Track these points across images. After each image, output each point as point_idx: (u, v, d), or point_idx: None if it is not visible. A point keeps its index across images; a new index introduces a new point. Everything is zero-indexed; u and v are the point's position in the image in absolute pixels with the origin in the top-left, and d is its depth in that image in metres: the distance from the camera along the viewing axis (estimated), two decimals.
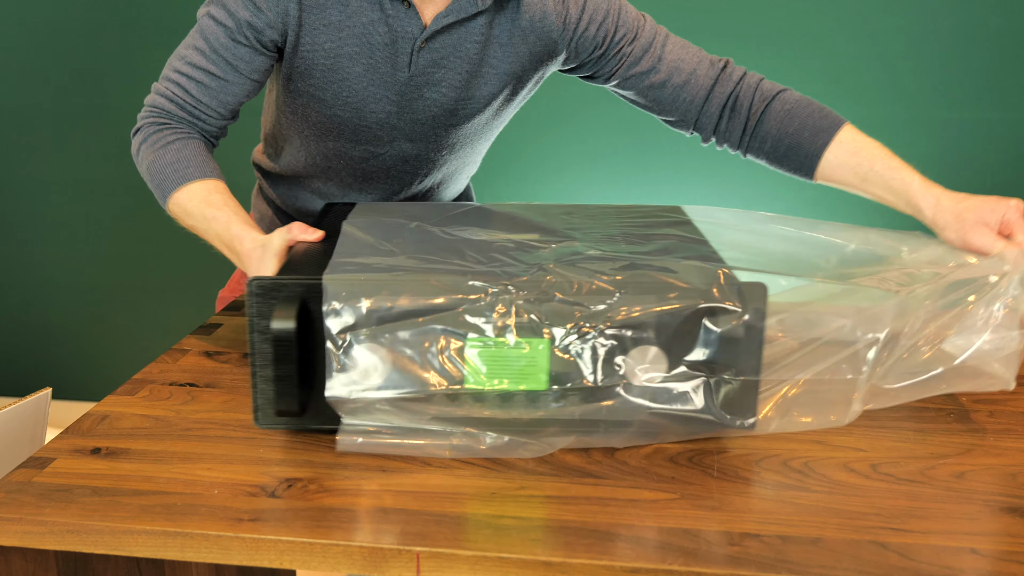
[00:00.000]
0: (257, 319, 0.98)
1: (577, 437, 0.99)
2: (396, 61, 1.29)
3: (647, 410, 0.98)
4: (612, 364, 0.96)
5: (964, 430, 1.07)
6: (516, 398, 0.97)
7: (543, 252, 1.07)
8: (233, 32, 1.25)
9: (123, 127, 2.60)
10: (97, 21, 2.54)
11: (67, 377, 2.86)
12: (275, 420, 1.01)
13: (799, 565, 0.81)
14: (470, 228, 1.17)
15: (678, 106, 1.36)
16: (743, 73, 1.36)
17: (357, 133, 1.35)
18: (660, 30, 1.35)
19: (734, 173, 2.43)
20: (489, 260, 1.04)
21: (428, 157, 1.41)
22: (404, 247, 1.08)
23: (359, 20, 1.26)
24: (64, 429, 1.06)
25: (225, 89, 1.27)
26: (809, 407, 1.04)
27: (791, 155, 1.32)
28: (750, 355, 0.98)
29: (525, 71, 1.35)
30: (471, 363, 0.97)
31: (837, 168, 1.28)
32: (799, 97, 1.33)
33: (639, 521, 0.88)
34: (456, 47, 1.30)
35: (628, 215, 1.26)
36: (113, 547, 0.88)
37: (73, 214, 2.71)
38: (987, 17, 2.24)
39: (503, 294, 0.96)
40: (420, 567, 0.84)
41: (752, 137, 1.35)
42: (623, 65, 1.35)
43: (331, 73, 1.29)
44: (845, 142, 1.28)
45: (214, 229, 1.18)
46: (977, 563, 0.82)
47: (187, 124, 1.28)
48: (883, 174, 1.24)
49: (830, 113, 1.31)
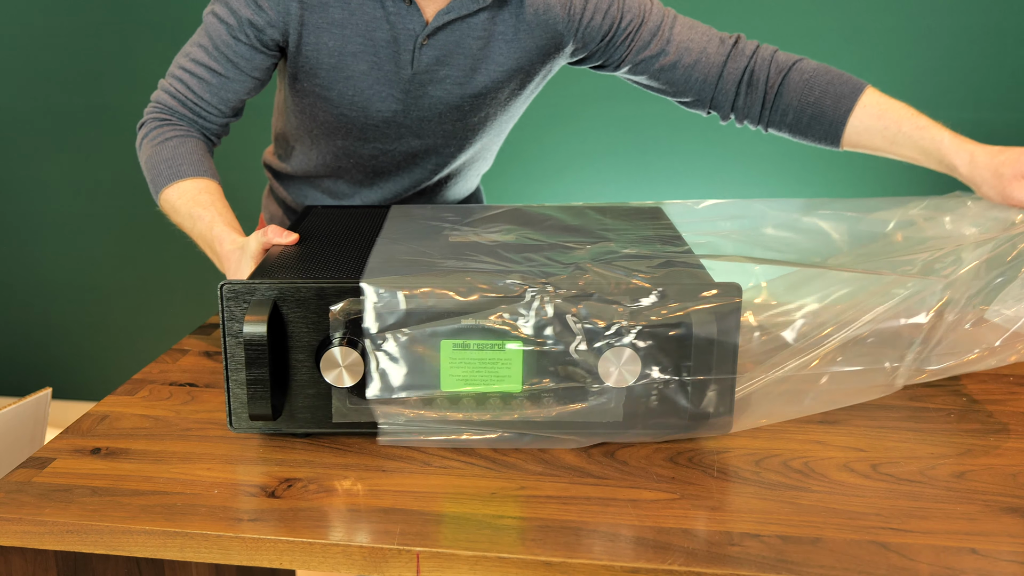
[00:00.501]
0: (229, 323, 0.97)
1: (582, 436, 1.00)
2: (399, 59, 1.29)
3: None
4: (648, 362, 0.97)
5: (964, 430, 1.06)
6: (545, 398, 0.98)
7: (578, 253, 1.07)
8: (234, 29, 1.26)
9: (123, 127, 2.60)
10: (97, 21, 2.54)
11: (67, 377, 2.86)
12: (249, 424, 1.01)
13: (799, 565, 0.81)
14: (502, 230, 1.17)
15: (691, 86, 1.35)
16: (756, 46, 1.34)
17: (365, 131, 1.36)
18: (668, 12, 1.35)
19: (734, 173, 2.43)
20: (525, 260, 1.04)
21: (438, 153, 1.41)
22: (439, 249, 1.08)
23: (361, 18, 1.27)
24: (64, 429, 1.06)
25: (226, 86, 1.28)
26: (784, 399, 1.05)
27: (815, 124, 1.30)
28: (726, 354, 0.97)
29: (532, 65, 1.35)
30: (445, 366, 0.97)
31: (863, 133, 1.27)
32: (817, 65, 1.31)
33: (639, 521, 0.88)
34: (458, 43, 1.30)
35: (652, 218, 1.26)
36: (113, 547, 0.88)
37: (73, 214, 2.71)
38: (987, 17, 2.24)
39: (541, 292, 0.96)
40: (420, 567, 0.84)
41: (772, 111, 1.33)
42: (632, 51, 1.34)
43: (336, 72, 1.29)
44: (869, 106, 1.26)
45: (198, 228, 1.19)
46: (977, 563, 0.82)
47: (188, 121, 1.30)
48: (911, 134, 1.23)
49: (850, 78, 1.29)
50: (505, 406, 0.99)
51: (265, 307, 0.96)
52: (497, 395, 0.98)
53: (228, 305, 0.97)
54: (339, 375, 0.96)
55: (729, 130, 2.38)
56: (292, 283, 0.97)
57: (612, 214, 1.27)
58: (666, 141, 2.44)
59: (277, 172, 1.54)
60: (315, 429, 1.01)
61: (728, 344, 0.96)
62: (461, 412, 0.99)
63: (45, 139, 2.66)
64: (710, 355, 0.96)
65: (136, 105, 2.64)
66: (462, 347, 0.97)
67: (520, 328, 0.96)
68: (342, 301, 0.96)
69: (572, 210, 1.28)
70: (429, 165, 1.43)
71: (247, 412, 0.99)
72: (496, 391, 0.98)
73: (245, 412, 1.00)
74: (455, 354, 0.97)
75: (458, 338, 0.96)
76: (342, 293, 0.96)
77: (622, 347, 0.95)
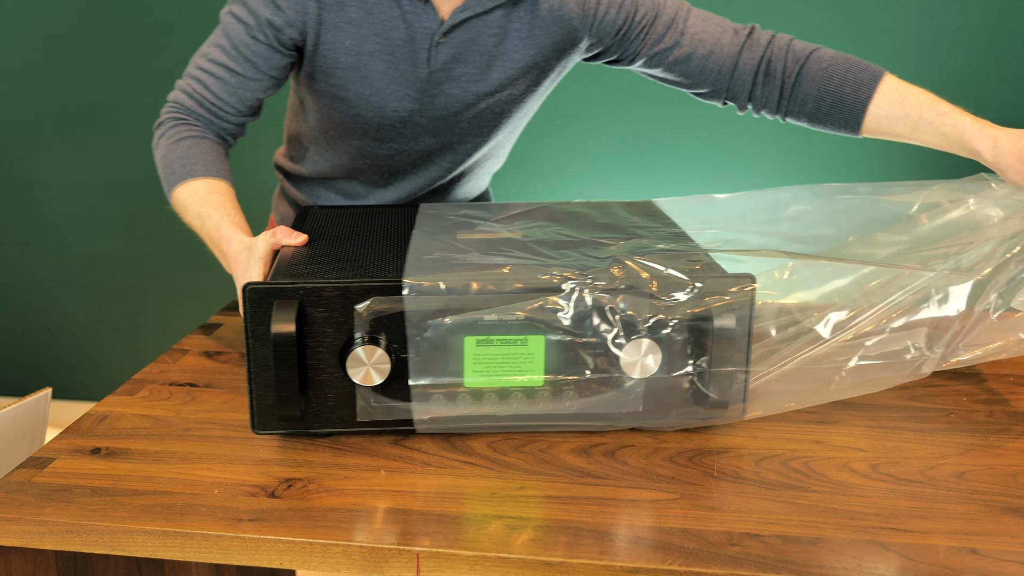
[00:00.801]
0: (253, 324, 0.97)
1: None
2: (415, 57, 1.30)
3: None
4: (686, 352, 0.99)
5: (964, 430, 1.06)
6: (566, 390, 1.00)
7: (612, 248, 1.08)
8: (253, 29, 1.27)
9: (123, 127, 2.60)
10: (99, 22, 2.53)
11: (67, 377, 2.86)
12: (273, 425, 1.01)
13: (799, 565, 0.81)
14: (534, 226, 1.17)
15: (706, 77, 1.35)
16: (771, 36, 1.34)
17: (381, 131, 1.36)
18: (682, 5, 1.35)
19: (735, 173, 2.43)
20: (561, 256, 1.05)
21: (453, 151, 1.42)
22: (474, 245, 1.09)
23: (378, 17, 1.28)
24: (64, 429, 1.06)
25: (244, 85, 1.29)
26: (794, 390, 1.06)
27: (835, 113, 1.31)
28: (740, 344, 0.99)
29: (547, 61, 1.35)
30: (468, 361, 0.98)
31: (884, 120, 1.27)
32: (834, 54, 1.32)
33: (639, 521, 0.88)
34: (474, 41, 1.30)
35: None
36: (113, 547, 0.88)
37: (73, 214, 2.71)
38: (987, 17, 2.24)
39: (581, 284, 0.97)
40: (420, 567, 0.84)
41: (791, 100, 1.34)
42: (646, 44, 1.34)
43: (352, 71, 1.30)
44: (889, 92, 1.27)
45: (207, 228, 1.19)
46: (977, 563, 0.82)
47: (205, 121, 1.30)
48: (932, 120, 1.23)
49: (868, 65, 1.29)
50: (528, 399, 1.00)
51: (292, 308, 0.96)
52: (520, 389, 1.00)
53: (252, 307, 0.97)
54: (365, 374, 0.97)
55: (729, 130, 2.38)
56: (317, 283, 0.97)
57: (638, 211, 1.28)
58: (666, 141, 2.44)
59: (289, 173, 1.55)
60: (339, 429, 1.02)
61: (743, 333, 0.99)
62: (485, 406, 1.01)
63: (45, 139, 2.66)
64: (729, 344, 0.98)
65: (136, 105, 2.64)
66: (485, 343, 0.98)
67: (559, 320, 0.97)
68: (366, 300, 0.97)
69: (600, 207, 1.29)
70: (444, 163, 1.43)
71: (271, 413, 1.00)
72: (519, 385, 1.00)
73: (269, 414, 1.00)
74: (478, 350, 0.98)
75: (492, 333, 0.98)
76: (366, 292, 0.97)
77: (641, 338, 0.97)
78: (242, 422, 1.07)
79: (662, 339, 0.98)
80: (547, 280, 0.98)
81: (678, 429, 1.05)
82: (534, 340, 0.99)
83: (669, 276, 0.99)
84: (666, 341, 0.99)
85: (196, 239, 1.25)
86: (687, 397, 1.01)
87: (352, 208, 1.34)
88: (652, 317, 0.98)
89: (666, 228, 1.18)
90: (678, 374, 1.00)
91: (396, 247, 1.10)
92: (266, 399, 0.99)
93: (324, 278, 0.98)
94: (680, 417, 1.02)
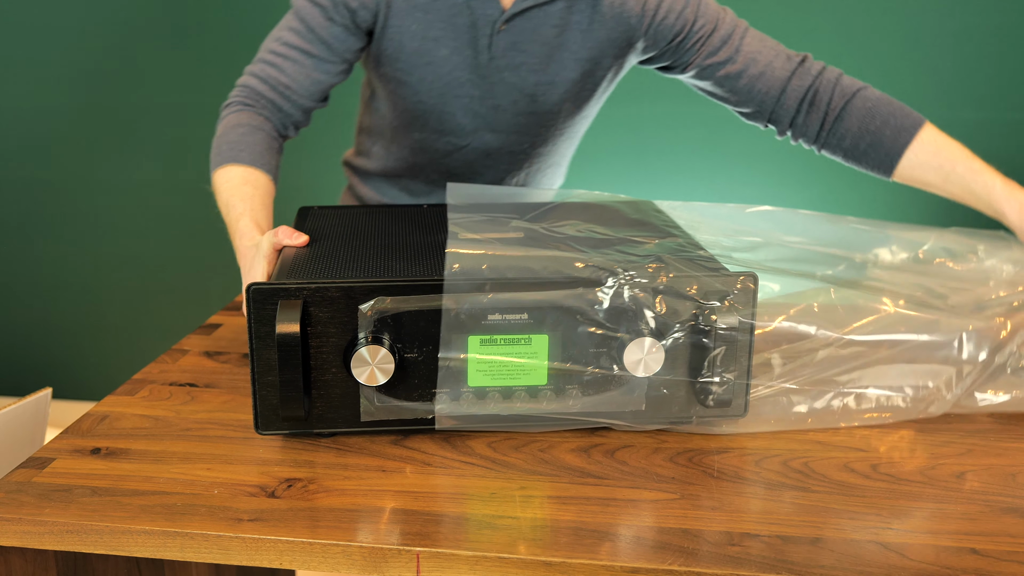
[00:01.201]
0: (257, 324, 0.97)
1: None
2: (477, 44, 1.32)
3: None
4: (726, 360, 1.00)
5: (964, 430, 1.06)
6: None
7: (647, 247, 1.08)
8: (329, 11, 1.30)
9: (124, 127, 2.60)
10: (102, 21, 2.53)
11: (67, 377, 2.86)
12: (277, 426, 1.01)
13: (799, 565, 0.81)
14: (569, 223, 1.17)
15: (753, 97, 1.37)
16: (822, 68, 1.36)
17: (442, 122, 1.39)
18: (740, 23, 1.37)
19: (735, 173, 2.43)
20: (597, 252, 1.05)
21: (510, 151, 1.43)
22: (511, 242, 1.09)
23: (444, 3, 1.31)
24: (64, 429, 1.06)
25: (319, 67, 1.32)
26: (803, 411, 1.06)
27: (871, 152, 1.33)
28: (742, 351, 0.99)
29: (604, 58, 1.37)
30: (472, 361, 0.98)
31: (918, 167, 1.30)
32: (880, 95, 1.33)
33: (639, 521, 0.88)
34: (535, 31, 1.33)
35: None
36: (112, 547, 0.88)
37: (73, 214, 2.71)
38: (987, 17, 2.24)
39: (621, 279, 0.98)
40: (420, 567, 0.84)
41: (830, 133, 1.35)
42: (701, 55, 1.36)
43: (417, 56, 1.33)
44: (927, 142, 1.29)
45: (229, 217, 1.21)
46: (977, 563, 0.82)
47: (273, 108, 1.33)
48: (964, 176, 1.26)
49: (911, 112, 1.31)
50: (531, 399, 1.01)
51: (296, 308, 0.96)
52: (523, 388, 1.00)
53: (256, 307, 0.97)
54: (369, 373, 0.97)
55: (729, 131, 2.38)
56: (321, 283, 0.97)
57: (639, 209, 1.28)
58: (666, 141, 2.44)
59: (356, 168, 1.58)
60: (343, 429, 1.02)
61: (745, 336, 0.99)
62: (488, 405, 1.01)
63: (45, 139, 2.66)
64: (731, 346, 0.99)
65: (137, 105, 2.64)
66: (489, 343, 0.98)
67: (595, 312, 0.98)
68: (370, 300, 0.97)
69: (632, 204, 1.29)
70: (502, 165, 1.45)
71: (274, 414, 1.00)
72: (522, 385, 1.00)
73: (272, 414, 1.00)
74: (482, 349, 0.98)
75: (495, 332, 0.98)
76: (370, 292, 0.97)
77: (644, 337, 0.98)
78: (242, 422, 1.07)
79: (663, 338, 0.99)
80: (584, 279, 0.98)
81: (679, 428, 1.05)
82: (537, 339, 0.99)
83: (704, 277, 0.99)
84: (670, 339, 0.99)
85: (195, 239, 1.25)
86: (689, 396, 1.01)
87: (352, 208, 1.34)
88: (685, 318, 0.98)
89: (679, 231, 1.18)
90: (680, 374, 1.00)
91: (398, 247, 1.10)
92: (270, 399, 0.99)
93: (328, 278, 0.98)
94: (682, 416, 1.02)
